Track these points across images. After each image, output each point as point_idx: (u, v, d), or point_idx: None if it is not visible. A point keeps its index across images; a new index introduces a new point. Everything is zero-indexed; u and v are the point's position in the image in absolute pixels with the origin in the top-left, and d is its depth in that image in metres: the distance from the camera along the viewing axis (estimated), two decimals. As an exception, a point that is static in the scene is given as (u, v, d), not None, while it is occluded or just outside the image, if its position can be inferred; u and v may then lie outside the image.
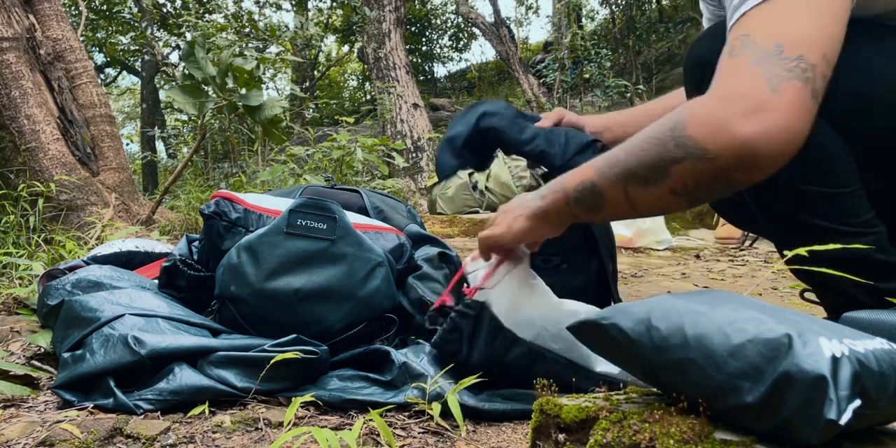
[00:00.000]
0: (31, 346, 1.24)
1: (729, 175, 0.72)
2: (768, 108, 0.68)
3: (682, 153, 0.72)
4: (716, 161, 0.70)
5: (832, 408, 0.46)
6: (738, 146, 0.68)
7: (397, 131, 7.11)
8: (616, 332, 0.59)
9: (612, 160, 0.80)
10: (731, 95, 0.71)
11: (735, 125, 0.69)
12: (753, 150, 0.68)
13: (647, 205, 0.79)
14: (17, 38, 2.84)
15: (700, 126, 0.71)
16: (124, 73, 14.48)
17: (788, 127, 0.68)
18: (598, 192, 0.81)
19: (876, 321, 0.78)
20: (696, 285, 2.22)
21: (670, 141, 0.73)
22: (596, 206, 0.82)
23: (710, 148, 0.70)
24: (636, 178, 0.77)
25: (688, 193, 0.75)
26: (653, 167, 0.75)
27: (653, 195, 0.77)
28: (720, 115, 0.70)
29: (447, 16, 13.53)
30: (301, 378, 1.03)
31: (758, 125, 0.68)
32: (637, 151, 0.77)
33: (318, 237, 1.15)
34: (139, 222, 2.91)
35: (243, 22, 7.89)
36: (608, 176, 0.79)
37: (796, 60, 0.70)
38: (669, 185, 0.74)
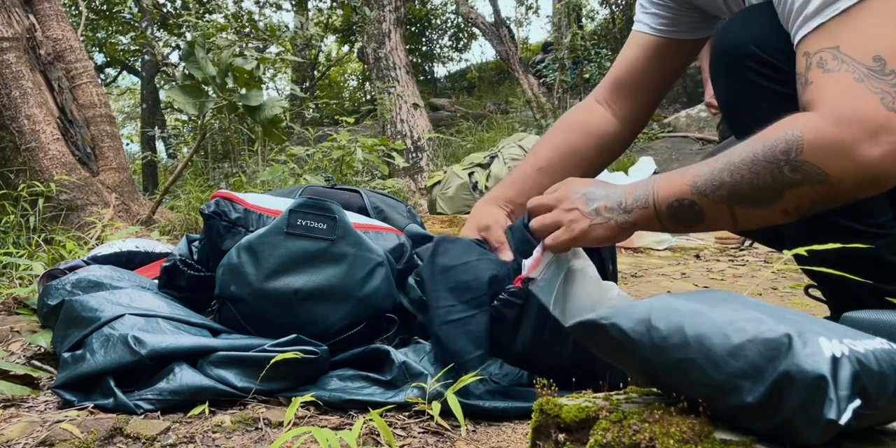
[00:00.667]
0: (31, 346, 1.24)
1: (850, 195, 0.72)
2: (889, 129, 0.67)
3: (800, 178, 0.71)
4: (838, 185, 0.70)
5: (832, 408, 0.46)
6: (863, 170, 0.68)
7: (397, 131, 7.11)
8: (616, 332, 0.59)
9: (714, 180, 0.78)
10: (848, 117, 0.69)
11: (858, 150, 0.68)
12: (879, 174, 0.68)
13: (754, 222, 0.79)
14: (17, 38, 2.84)
15: (819, 151, 0.70)
16: (124, 73, 14.48)
17: None
18: (699, 211, 0.80)
19: (876, 321, 0.78)
20: (696, 285, 2.22)
21: (785, 165, 0.72)
22: (693, 222, 0.82)
23: (831, 173, 0.69)
24: (746, 199, 0.76)
25: (800, 212, 0.75)
26: (766, 191, 0.74)
27: (762, 215, 0.76)
28: (840, 138, 0.69)
29: (447, 16, 13.53)
30: (301, 378, 1.03)
31: (882, 148, 0.67)
32: (746, 174, 0.75)
33: (319, 237, 1.15)
34: (139, 222, 2.91)
35: (243, 22, 7.89)
36: (711, 197, 0.78)
37: None
38: (783, 205, 0.74)
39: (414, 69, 8.97)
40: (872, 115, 0.68)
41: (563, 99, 7.37)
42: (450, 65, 20.19)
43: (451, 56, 14.23)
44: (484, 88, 12.59)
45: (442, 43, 14.00)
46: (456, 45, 13.85)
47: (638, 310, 0.59)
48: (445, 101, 11.08)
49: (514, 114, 8.79)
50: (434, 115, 9.33)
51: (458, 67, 14.93)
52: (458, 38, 13.68)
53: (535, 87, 8.01)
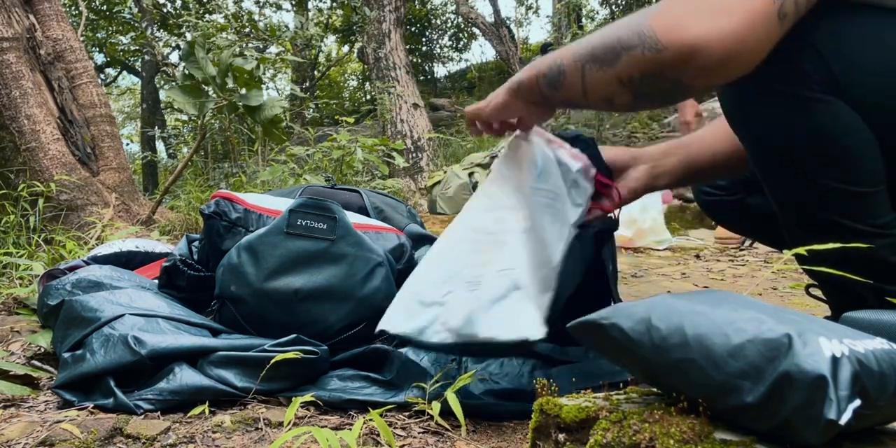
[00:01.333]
0: (31, 346, 1.24)
1: (673, 71, 0.71)
2: (725, 11, 0.68)
3: (636, 41, 0.72)
4: (661, 53, 0.70)
5: (832, 408, 0.46)
6: (684, 41, 0.68)
7: (397, 131, 7.11)
8: (616, 332, 0.59)
9: (586, 40, 0.80)
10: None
11: (688, 21, 0.69)
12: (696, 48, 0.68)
13: (596, 90, 0.79)
14: (17, 38, 2.84)
15: (658, 19, 0.72)
16: (124, 73, 14.48)
17: (740, 33, 0.68)
18: (562, 69, 0.81)
19: (876, 321, 0.78)
20: (696, 285, 2.22)
21: (635, 27, 0.73)
22: (556, 83, 0.82)
23: (659, 38, 0.70)
24: (594, 58, 0.77)
25: (633, 85, 0.75)
26: (609, 49, 0.75)
27: (603, 79, 0.77)
28: (679, 11, 0.70)
29: (447, 16, 13.53)
30: (301, 378, 1.03)
31: (708, 25, 0.68)
32: (605, 32, 0.77)
33: (319, 237, 1.15)
34: (139, 222, 2.91)
35: (243, 22, 7.89)
36: (574, 54, 0.80)
37: None
38: (618, 71, 0.75)
39: (414, 69, 8.97)
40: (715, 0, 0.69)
41: (563, 99, 7.35)
42: (450, 65, 20.19)
43: (451, 56, 14.24)
44: (484, 88, 12.59)
45: (442, 43, 14.01)
46: (456, 45, 13.86)
47: (638, 310, 0.59)
48: (445, 101, 11.08)
49: (514, 114, 8.78)
50: (434, 115, 9.33)
51: (458, 67, 14.94)
52: (458, 38, 13.69)
53: (535, 87, 8.00)
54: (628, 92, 0.76)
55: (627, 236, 3.14)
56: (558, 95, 0.83)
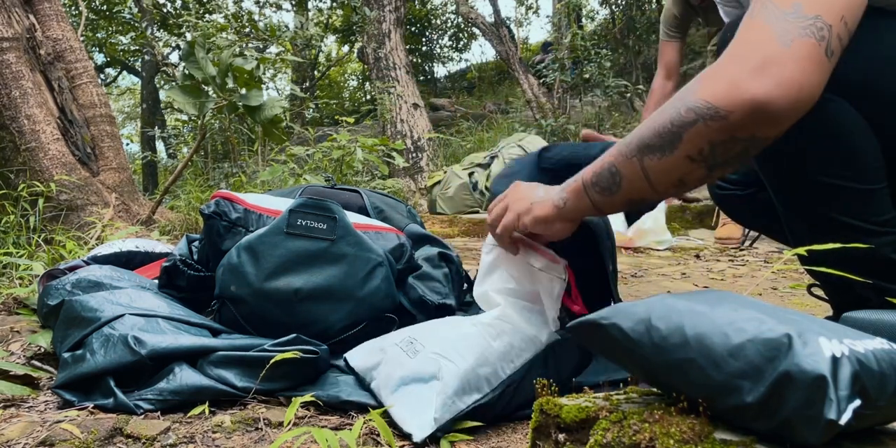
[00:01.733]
0: (31, 346, 1.24)
1: (745, 131, 0.70)
2: (779, 62, 0.67)
3: (693, 116, 0.71)
4: (728, 118, 0.69)
5: (832, 408, 0.46)
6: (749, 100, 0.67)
7: (397, 131, 7.11)
8: (616, 332, 0.59)
9: (628, 138, 0.78)
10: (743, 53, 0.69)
11: (745, 80, 0.67)
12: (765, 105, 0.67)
13: (664, 177, 0.76)
14: (17, 38, 2.84)
15: (709, 86, 0.70)
16: (124, 73, 14.47)
17: (800, 81, 0.67)
18: (615, 171, 0.78)
19: (876, 321, 0.78)
20: (696, 285, 2.22)
21: (681, 106, 0.72)
22: (613, 186, 0.79)
23: (721, 105, 0.69)
24: (650, 148, 0.75)
25: (704, 158, 0.73)
26: (666, 135, 0.73)
27: (669, 164, 0.74)
28: (730, 72, 0.69)
29: (447, 16, 13.53)
30: (301, 378, 1.03)
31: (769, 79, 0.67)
32: (650, 122, 0.75)
33: (319, 237, 1.15)
34: (139, 222, 2.91)
35: (243, 22, 7.89)
36: (624, 152, 0.77)
37: (812, 19, 0.69)
38: (685, 150, 0.72)
39: (414, 69, 8.96)
40: (765, 49, 0.68)
41: (563, 99, 7.36)
42: (450, 65, 20.19)
43: (451, 56, 14.23)
44: (484, 88, 12.59)
45: (442, 43, 14.00)
46: (456, 45, 13.85)
47: (638, 310, 0.59)
48: (445, 101, 11.07)
49: (514, 114, 8.79)
50: (434, 115, 9.33)
51: (458, 67, 14.93)
52: (458, 38, 13.68)
53: (535, 87, 8.01)
54: (701, 167, 0.73)
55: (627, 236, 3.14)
56: (617, 198, 0.80)
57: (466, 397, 0.88)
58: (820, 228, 0.90)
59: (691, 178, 0.76)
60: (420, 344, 0.96)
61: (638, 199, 0.80)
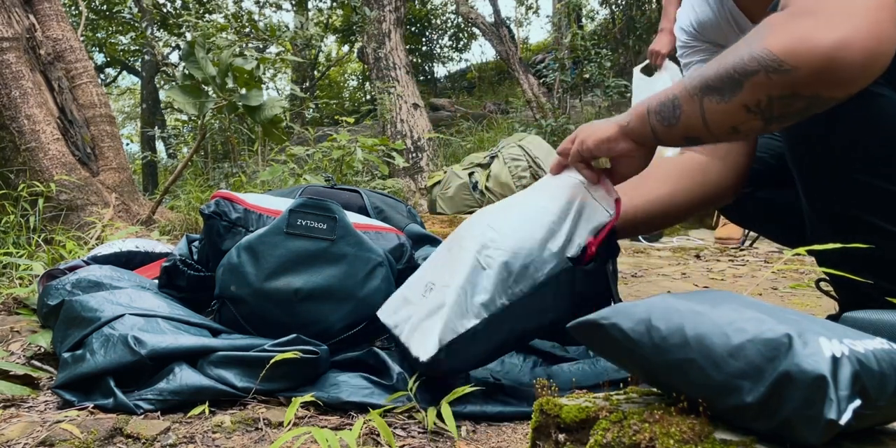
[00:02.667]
0: (31, 346, 1.24)
1: (809, 89, 0.67)
2: (851, 12, 0.63)
3: (755, 65, 0.68)
4: (793, 73, 0.65)
5: (832, 408, 0.46)
6: (818, 55, 0.63)
7: (397, 131, 7.11)
8: (616, 332, 0.59)
9: (696, 74, 0.76)
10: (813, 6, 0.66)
11: (814, 33, 0.63)
12: (835, 60, 0.63)
13: (720, 121, 0.74)
14: (17, 38, 2.84)
15: (777, 38, 0.66)
16: (124, 73, 14.47)
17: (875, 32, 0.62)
18: (677, 105, 0.77)
19: (876, 321, 0.78)
20: (696, 285, 2.22)
21: (746, 54, 0.69)
22: (672, 118, 0.78)
23: (786, 59, 0.65)
24: (711, 89, 0.73)
25: (762, 110, 0.70)
26: (728, 79, 0.71)
27: (726, 110, 0.72)
28: (801, 26, 0.66)
29: (447, 16, 13.52)
30: (301, 378, 1.03)
31: (839, 31, 0.62)
32: (716, 64, 0.73)
33: (319, 237, 1.15)
34: (139, 222, 2.91)
35: (243, 22, 7.88)
36: (688, 88, 0.76)
37: None
38: (742, 99, 0.70)
39: (414, 69, 8.96)
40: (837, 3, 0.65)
41: (563, 99, 7.36)
42: (450, 65, 20.17)
43: (451, 56, 14.22)
44: (484, 88, 12.58)
45: (442, 43, 13.99)
46: (456, 45, 13.85)
47: (638, 310, 0.59)
48: (445, 101, 11.07)
49: (514, 114, 8.79)
50: (434, 115, 9.33)
51: (458, 67, 14.91)
52: (458, 38, 13.67)
53: (535, 87, 8.01)
54: (757, 118, 0.72)
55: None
56: (675, 131, 0.79)
57: (465, 321, 0.88)
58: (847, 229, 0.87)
59: (746, 128, 0.74)
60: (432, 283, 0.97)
61: (693, 137, 0.79)
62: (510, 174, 4.59)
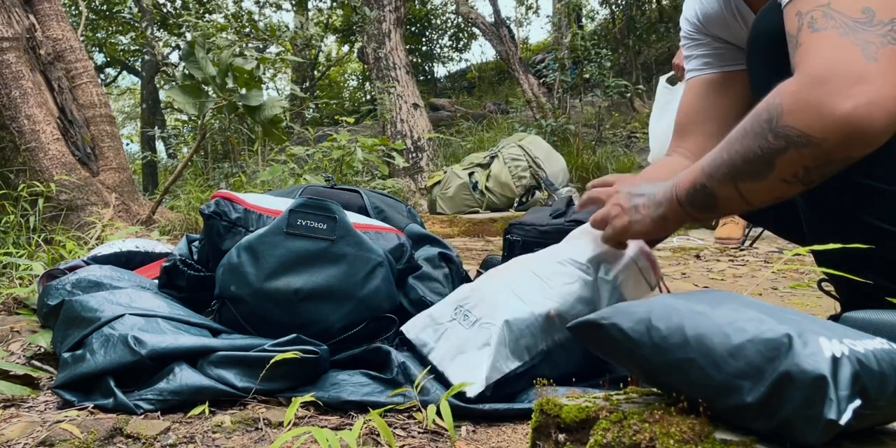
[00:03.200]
0: (31, 346, 1.24)
1: (841, 154, 0.68)
2: (868, 78, 0.64)
3: (783, 144, 0.69)
4: (822, 145, 0.67)
5: (832, 408, 0.46)
6: (843, 125, 0.64)
7: (397, 131, 7.11)
8: (616, 332, 0.59)
9: (716, 160, 0.78)
10: (825, 72, 0.66)
11: (835, 104, 0.64)
12: (860, 127, 0.64)
13: (761, 197, 0.77)
14: (17, 38, 2.84)
15: (797, 112, 0.67)
16: (124, 73, 14.48)
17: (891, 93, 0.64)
18: (710, 193, 0.80)
19: (876, 321, 0.78)
20: (696, 285, 2.22)
21: (769, 133, 0.70)
22: (710, 206, 0.81)
23: (812, 133, 0.67)
24: (744, 174, 0.75)
25: (800, 179, 0.72)
26: (758, 162, 0.72)
27: (764, 187, 0.74)
28: (816, 95, 0.66)
29: (447, 16, 13.52)
30: (301, 378, 1.03)
31: (860, 98, 0.64)
32: (738, 148, 0.75)
33: (319, 237, 1.15)
34: (139, 222, 2.91)
35: (243, 22, 7.89)
36: (717, 176, 0.78)
37: (890, 24, 0.66)
38: (779, 175, 0.72)
39: (414, 69, 8.96)
40: (849, 67, 0.65)
41: (563, 99, 7.37)
42: (450, 65, 20.17)
43: (451, 56, 14.23)
44: (484, 88, 12.59)
45: (442, 43, 14.00)
46: (456, 45, 13.85)
47: (638, 310, 0.59)
48: (445, 101, 11.07)
49: (514, 114, 8.80)
50: (434, 115, 9.33)
51: (458, 67, 14.91)
52: (458, 38, 13.68)
53: (535, 87, 8.01)
54: (797, 185, 0.73)
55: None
56: (716, 213, 0.83)
57: (510, 363, 0.97)
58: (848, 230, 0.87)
59: (789, 194, 0.76)
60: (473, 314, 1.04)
61: (735, 211, 0.84)
62: (510, 174, 4.59)
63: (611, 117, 7.56)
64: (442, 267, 1.35)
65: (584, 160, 6.03)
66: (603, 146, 6.63)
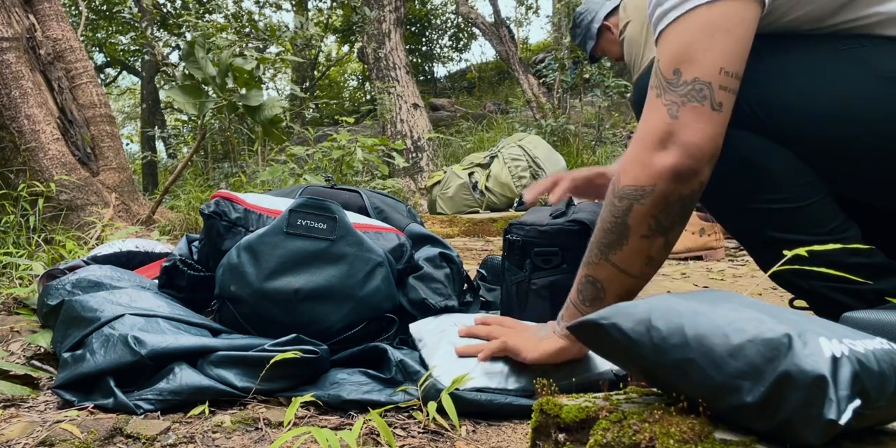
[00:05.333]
0: (31, 346, 1.24)
1: (672, 199, 0.79)
2: (673, 133, 0.77)
3: (627, 203, 0.80)
4: (654, 193, 0.78)
5: (832, 408, 0.46)
6: (665, 174, 0.77)
7: (397, 131, 7.11)
8: (616, 332, 0.59)
9: (588, 248, 0.87)
10: (643, 134, 0.79)
11: (653, 159, 0.78)
12: (679, 172, 0.77)
13: (634, 262, 0.84)
14: (17, 38, 2.84)
15: (628, 172, 0.80)
16: (124, 73, 14.47)
17: (697, 141, 0.77)
18: (592, 280, 0.87)
19: (876, 321, 0.78)
20: (696, 285, 2.22)
21: (614, 199, 0.81)
22: (596, 293, 0.87)
23: (643, 184, 0.78)
24: (609, 246, 0.83)
25: (655, 230, 0.81)
26: (615, 229, 0.82)
27: (631, 250, 0.82)
28: (639, 154, 0.79)
29: (447, 16, 13.52)
30: (301, 378, 1.03)
31: (672, 151, 0.77)
32: (598, 224, 0.85)
33: (319, 237, 1.15)
34: (139, 222, 2.91)
35: (243, 22, 7.88)
36: (592, 259, 0.86)
37: (692, 84, 0.77)
38: (637, 233, 0.81)
39: (414, 69, 8.97)
40: (658, 126, 0.78)
41: (563, 99, 7.37)
42: (450, 65, 20.18)
43: (451, 56, 14.23)
44: (484, 88, 12.59)
45: (442, 43, 14.00)
46: (456, 45, 13.85)
47: (638, 310, 0.59)
48: (445, 101, 11.07)
49: (514, 114, 8.80)
50: (434, 115, 9.33)
51: (458, 67, 14.93)
52: (458, 38, 13.68)
53: (535, 87, 8.01)
54: (657, 238, 0.82)
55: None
56: (609, 299, 0.87)
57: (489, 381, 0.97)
58: (768, 247, 0.92)
59: (656, 251, 0.84)
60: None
61: (626, 293, 0.87)
62: (510, 174, 4.59)
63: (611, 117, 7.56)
64: (443, 267, 1.35)
65: (584, 160, 6.03)
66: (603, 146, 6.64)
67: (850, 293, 0.90)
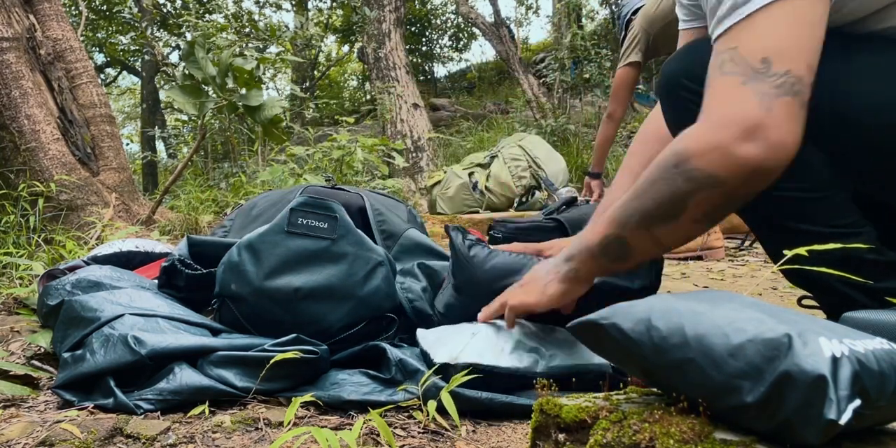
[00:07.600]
0: (31, 346, 1.24)
1: (740, 193, 0.76)
2: (765, 127, 0.73)
3: (694, 186, 0.76)
4: (727, 185, 0.74)
5: (832, 408, 0.46)
6: (746, 168, 0.73)
7: (397, 131, 7.11)
8: (616, 332, 0.59)
9: (627, 210, 0.84)
10: (728, 120, 0.74)
11: (738, 150, 0.73)
12: (760, 169, 0.73)
13: (672, 239, 0.83)
14: (17, 38, 2.84)
15: (704, 156, 0.75)
16: (124, 73, 14.47)
17: (786, 141, 0.73)
18: (623, 243, 0.85)
19: (876, 321, 0.78)
20: (696, 285, 2.22)
21: (678, 177, 0.77)
22: (623, 255, 0.86)
23: (719, 174, 0.74)
24: (657, 219, 0.81)
25: (706, 218, 0.79)
26: (670, 206, 0.79)
27: (678, 230, 0.81)
28: (721, 141, 0.74)
29: (447, 16, 13.51)
30: (301, 378, 1.03)
31: (760, 145, 0.72)
32: (650, 194, 0.81)
33: (319, 236, 1.15)
34: (139, 222, 2.91)
35: (243, 22, 7.88)
36: (629, 225, 0.83)
37: (784, 76, 0.74)
38: (690, 216, 0.78)
39: (414, 69, 8.97)
40: (751, 116, 0.73)
41: (563, 99, 7.36)
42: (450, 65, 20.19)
43: (451, 56, 14.22)
44: (484, 88, 12.58)
45: (442, 43, 13.99)
46: (456, 45, 13.84)
47: (638, 310, 0.59)
48: (445, 101, 11.07)
49: (514, 114, 8.79)
50: (434, 115, 9.33)
51: (458, 67, 14.93)
52: (458, 38, 13.67)
53: (535, 87, 8.01)
54: (703, 226, 0.81)
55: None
56: (630, 262, 0.87)
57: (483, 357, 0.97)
58: (783, 237, 0.93)
59: (696, 235, 0.84)
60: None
61: (649, 257, 0.89)
62: (510, 174, 4.59)
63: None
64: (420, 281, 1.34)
65: (584, 160, 6.03)
66: (603, 146, 6.62)
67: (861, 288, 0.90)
